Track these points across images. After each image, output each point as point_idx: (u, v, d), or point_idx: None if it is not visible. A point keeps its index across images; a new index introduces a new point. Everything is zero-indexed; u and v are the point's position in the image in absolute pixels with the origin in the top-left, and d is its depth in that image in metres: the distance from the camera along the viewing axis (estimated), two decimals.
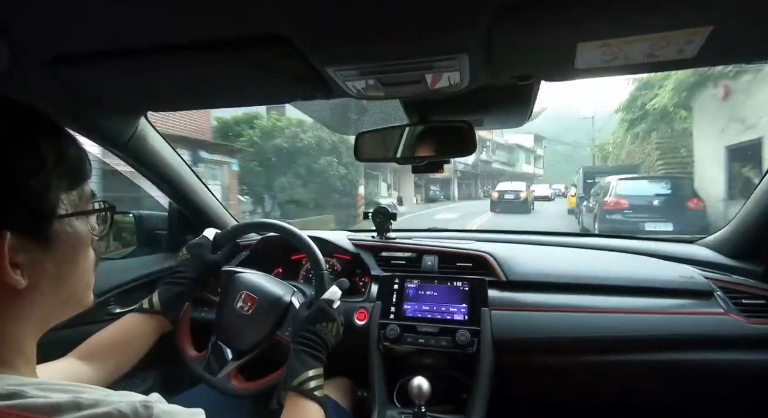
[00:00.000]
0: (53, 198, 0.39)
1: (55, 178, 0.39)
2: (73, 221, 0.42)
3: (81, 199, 0.43)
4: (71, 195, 0.41)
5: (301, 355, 0.75)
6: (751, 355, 0.91)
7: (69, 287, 0.43)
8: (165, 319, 0.83)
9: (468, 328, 0.96)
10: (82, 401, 0.34)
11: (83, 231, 0.43)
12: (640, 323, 0.95)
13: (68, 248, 0.41)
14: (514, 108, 0.90)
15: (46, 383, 0.36)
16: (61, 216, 0.40)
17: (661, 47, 0.55)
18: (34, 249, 0.38)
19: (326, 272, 0.93)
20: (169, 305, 0.84)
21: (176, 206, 1.35)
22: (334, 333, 0.81)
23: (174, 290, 0.86)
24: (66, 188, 0.41)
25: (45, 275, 0.39)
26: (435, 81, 0.66)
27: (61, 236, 0.40)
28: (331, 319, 0.81)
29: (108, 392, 0.38)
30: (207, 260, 0.94)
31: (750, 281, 1.01)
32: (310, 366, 0.73)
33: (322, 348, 0.77)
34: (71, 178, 0.41)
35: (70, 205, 0.41)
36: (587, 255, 1.21)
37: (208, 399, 0.90)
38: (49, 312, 0.42)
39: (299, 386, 0.70)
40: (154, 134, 1.08)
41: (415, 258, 1.19)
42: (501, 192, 15.00)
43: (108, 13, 0.50)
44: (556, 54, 0.59)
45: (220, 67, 0.65)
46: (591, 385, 1.04)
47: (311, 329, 0.78)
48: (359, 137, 0.94)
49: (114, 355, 0.73)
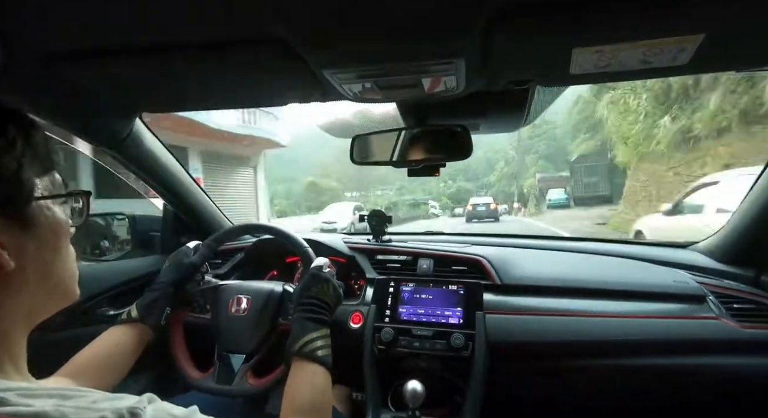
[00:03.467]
0: (28, 180, 0.39)
1: (26, 160, 0.39)
2: (51, 205, 0.42)
3: (54, 186, 0.43)
4: (43, 180, 0.42)
5: (302, 322, 0.74)
6: (743, 359, 0.91)
7: (55, 276, 0.43)
8: (145, 326, 0.82)
9: (463, 331, 0.96)
10: (65, 410, 0.33)
11: (62, 217, 0.44)
12: (634, 327, 0.95)
13: (49, 232, 0.42)
14: (510, 112, 0.91)
15: (31, 389, 0.35)
16: (38, 198, 0.40)
17: (655, 54, 0.56)
18: (17, 231, 0.38)
19: (310, 250, 0.94)
20: (147, 310, 0.83)
21: (171, 208, 1.34)
22: (331, 293, 0.81)
23: (150, 296, 0.86)
24: (38, 173, 0.41)
25: (30, 260, 0.39)
26: (432, 85, 0.66)
27: (41, 219, 0.41)
28: (324, 280, 0.81)
29: (96, 398, 0.36)
30: (183, 263, 0.94)
31: (742, 285, 1.02)
32: (312, 329, 0.72)
33: (323, 310, 0.77)
34: (41, 163, 0.42)
35: (44, 190, 0.41)
36: (582, 259, 1.22)
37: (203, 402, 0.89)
38: (35, 303, 0.42)
39: (302, 349, 0.69)
40: (148, 135, 1.07)
41: (411, 261, 1.19)
42: (474, 205, 18.04)
43: (103, 12, 0.50)
44: (552, 59, 0.59)
45: (216, 69, 0.64)
46: (585, 389, 1.05)
47: (308, 294, 0.79)
48: (355, 140, 0.94)
49: (101, 370, 0.72)
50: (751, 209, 1.01)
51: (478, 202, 18.24)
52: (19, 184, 0.39)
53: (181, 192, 1.27)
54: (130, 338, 0.80)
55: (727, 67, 0.68)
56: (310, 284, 0.80)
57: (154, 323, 0.83)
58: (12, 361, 0.39)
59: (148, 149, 1.09)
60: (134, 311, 0.82)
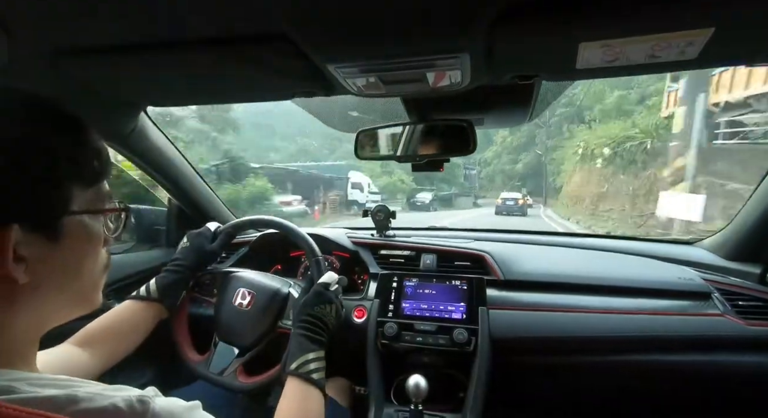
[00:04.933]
0: (65, 193, 0.38)
1: (69, 173, 0.38)
2: (86, 218, 0.41)
3: (97, 197, 0.42)
4: (87, 193, 0.41)
5: (300, 339, 0.74)
6: (748, 356, 0.91)
7: (75, 286, 0.42)
8: (162, 306, 0.83)
9: (466, 327, 0.96)
10: (78, 395, 0.33)
11: (96, 230, 0.42)
12: (638, 324, 0.95)
13: (78, 245, 0.40)
14: (515, 107, 0.90)
15: (41, 379, 0.36)
16: (72, 212, 0.39)
17: (663, 48, 0.55)
18: (42, 244, 0.37)
19: (321, 258, 0.94)
20: (166, 292, 0.84)
21: (176, 202, 1.35)
22: (334, 315, 0.81)
23: (171, 278, 0.87)
24: (81, 185, 0.40)
25: (50, 272, 0.38)
26: (436, 80, 0.66)
27: (72, 233, 0.39)
28: (328, 301, 0.81)
29: (104, 387, 0.37)
30: (204, 249, 0.94)
31: (747, 282, 1.01)
32: (309, 349, 0.72)
33: (322, 330, 0.77)
34: (87, 175, 0.41)
35: (84, 202, 0.40)
36: (586, 255, 1.21)
37: (205, 395, 0.90)
38: (51, 311, 0.41)
39: (297, 370, 0.69)
40: (154, 130, 1.08)
41: (414, 256, 1.19)
42: (504, 199, 19.31)
43: (108, 8, 0.50)
44: (558, 54, 0.59)
45: (220, 64, 0.64)
46: (588, 385, 1.05)
47: (309, 312, 0.78)
48: (360, 135, 0.94)
49: (110, 341, 0.73)
50: (758, 206, 1.00)
51: (507, 197, 19.43)
52: (54, 198, 0.37)
53: (186, 186, 1.27)
54: (146, 315, 0.81)
55: (736, 62, 0.66)
56: (313, 302, 0.80)
57: (170, 304, 0.84)
58: (23, 360, 0.39)
59: (154, 144, 1.09)
60: (154, 289, 0.83)
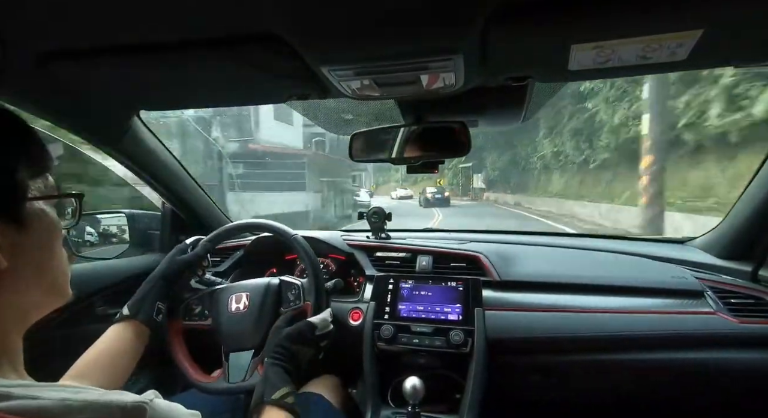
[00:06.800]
0: (22, 181, 0.40)
1: (21, 162, 0.40)
2: (44, 206, 0.43)
3: (47, 188, 0.44)
4: (37, 182, 0.42)
5: (277, 369, 0.73)
6: (740, 354, 0.92)
7: (49, 276, 0.43)
8: (138, 322, 0.81)
9: (462, 328, 0.96)
10: (72, 403, 0.33)
11: (55, 218, 0.44)
12: (632, 323, 0.96)
13: (43, 233, 0.42)
14: (509, 109, 0.91)
15: (35, 385, 0.35)
16: (31, 198, 0.41)
17: (653, 50, 0.56)
18: (13, 231, 0.39)
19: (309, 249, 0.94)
20: (137, 307, 0.83)
21: (169, 206, 1.34)
22: (308, 356, 0.80)
23: (139, 293, 0.86)
24: (31, 175, 0.41)
25: (24, 259, 0.40)
26: (430, 81, 0.66)
27: (35, 219, 0.41)
28: (307, 344, 0.80)
29: (101, 392, 0.37)
30: (174, 258, 0.94)
31: (739, 281, 1.02)
32: (287, 382, 0.71)
33: (294, 366, 0.75)
34: (35, 165, 0.42)
35: (37, 191, 0.42)
36: (581, 256, 1.22)
37: (202, 402, 0.89)
38: (30, 302, 0.42)
39: (280, 399, 0.67)
40: (147, 133, 1.07)
41: (410, 258, 1.19)
42: (432, 193, 21.66)
43: (99, 10, 0.49)
44: (550, 56, 0.59)
45: (214, 66, 0.64)
46: (584, 384, 1.05)
47: (287, 345, 0.77)
48: (354, 138, 0.94)
49: (106, 369, 0.73)
50: (749, 204, 1.01)
51: (434, 191, 21.87)
52: (14, 185, 0.39)
53: (179, 190, 1.26)
54: (128, 336, 0.79)
55: (725, 63, 0.67)
56: (295, 338, 0.79)
57: (145, 318, 0.82)
58: (9, 360, 0.39)
59: (147, 147, 1.08)
60: (125, 309, 0.83)
